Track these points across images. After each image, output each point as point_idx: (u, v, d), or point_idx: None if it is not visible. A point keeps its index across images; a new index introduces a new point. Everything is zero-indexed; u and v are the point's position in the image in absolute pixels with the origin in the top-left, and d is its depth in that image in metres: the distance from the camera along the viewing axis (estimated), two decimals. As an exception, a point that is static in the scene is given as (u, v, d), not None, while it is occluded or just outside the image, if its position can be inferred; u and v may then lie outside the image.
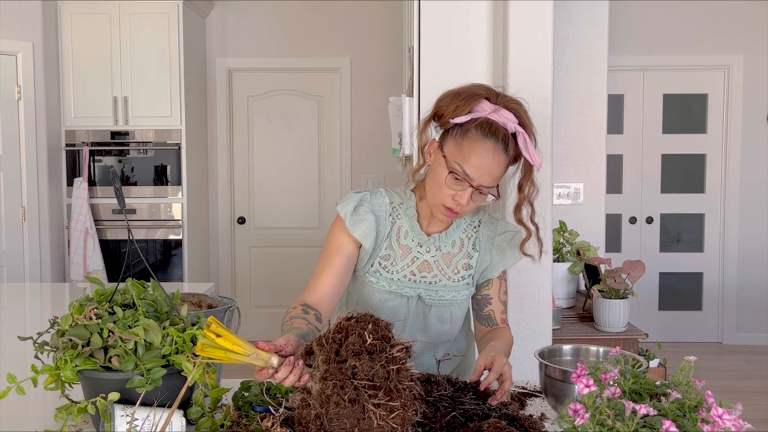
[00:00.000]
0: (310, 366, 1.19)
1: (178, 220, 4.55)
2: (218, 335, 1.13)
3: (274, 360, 1.17)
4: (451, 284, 1.60)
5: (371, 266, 1.60)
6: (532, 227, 1.51)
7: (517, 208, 1.51)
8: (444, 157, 1.45)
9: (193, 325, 1.28)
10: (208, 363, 1.24)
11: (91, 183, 4.47)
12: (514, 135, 1.45)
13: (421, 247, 1.59)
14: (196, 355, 1.17)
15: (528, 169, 1.48)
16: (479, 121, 1.43)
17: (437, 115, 1.51)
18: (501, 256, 1.61)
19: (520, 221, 1.53)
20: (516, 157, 1.48)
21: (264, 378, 1.18)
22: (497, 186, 1.48)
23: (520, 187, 1.49)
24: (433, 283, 1.59)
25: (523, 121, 1.47)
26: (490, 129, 1.42)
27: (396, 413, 1.09)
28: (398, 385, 1.10)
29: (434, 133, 1.55)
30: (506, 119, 1.44)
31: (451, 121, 1.44)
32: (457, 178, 1.43)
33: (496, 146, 1.42)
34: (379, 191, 1.62)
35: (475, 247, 1.61)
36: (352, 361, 1.10)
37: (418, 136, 1.55)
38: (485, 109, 1.44)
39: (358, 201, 1.57)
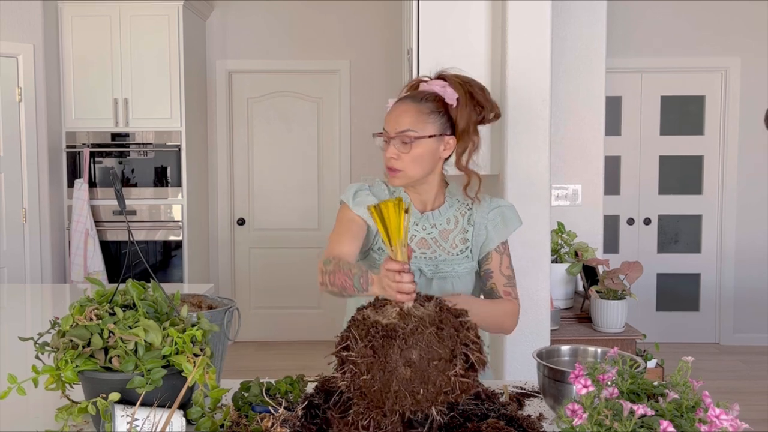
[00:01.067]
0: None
1: (178, 221, 4.55)
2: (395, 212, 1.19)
3: (405, 262, 1.22)
4: (450, 258, 1.67)
5: (375, 244, 1.69)
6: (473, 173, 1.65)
7: (458, 157, 1.63)
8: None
9: (193, 326, 1.29)
10: (208, 363, 1.25)
11: (92, 184, 4.48)
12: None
13: (416, 225, 1.68)
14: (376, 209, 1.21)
15: (463, 119, 1.59)
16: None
17: None
18: (496, 229, 1.68)
19: (461, 168, 1.64)
20: (447, 111, 1.60)
21: (392, 270, 1.22)
22: (444, 134, 1.60)
23: (459, 136, 1.61)
24: (432, 258, 1.67)
25: (444, 77, 1.62)
26: (407, 94, 1.63)
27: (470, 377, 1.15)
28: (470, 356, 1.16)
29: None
30: (431, 85, 1.61)
31: (389, 105, 1.68)
32: (385, 140, 1.61)
33: (404, 100, 1.61)
34: (376, 181, 1.76)
35: (470, 222, 1.70)
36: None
37: None
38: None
39: (358, 188, 1.71)
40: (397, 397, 1.13)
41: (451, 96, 1.59)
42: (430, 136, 1.58)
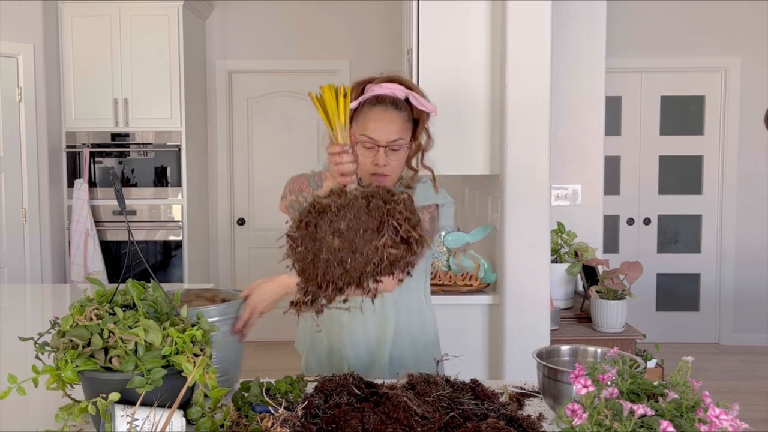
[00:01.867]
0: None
1: (178, 221, 4.55)
2: (335, 99, 1.26)
3: (346, 144, 1.30)
4: None
5: None
6: (423, 169, 1.72)
7: (409, 157, 1.70)
8: (352, 134, 1.66)
9: (193, 326, 1.29)
10: (208, 364, 1.25)
11: (92, 184, 4.48)
12: (407, 100, 1.65)
13: None
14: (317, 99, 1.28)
15: (421, 122, 1.67)
16: (367, 99, 1.65)
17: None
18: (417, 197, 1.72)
19: (409, 166, 1.73)
20: (412, 115, 1.67)
21: (333, 153, 1.32)
22: (412, 139, 1.67)
23: (415, 137, 1.69)
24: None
25: (408, 86, 1.67)
26: (377, 99, 1.64)
27: (398, 250, 1.20)
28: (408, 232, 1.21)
29: None
30: (391, 89, 1.64)
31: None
32: (368, 147, 1.64)
33: (386, 108, 1.63)
34: (323, 172, 1.76)
35: None
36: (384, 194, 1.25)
37: None
38: (372, 89, 1.65)
39: (306, 179, 1.75)
40: (327, 266, 1.19)
41: (432, 108, 1.66)
42: (410, 142, 1.68)
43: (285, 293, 1.63)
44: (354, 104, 1.64)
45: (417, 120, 1.68)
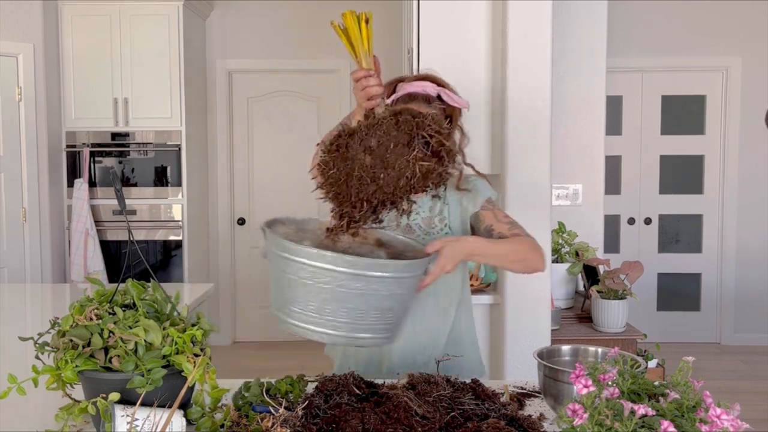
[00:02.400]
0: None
1: (179, 221, 4.55)
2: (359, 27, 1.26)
3: (370, 68, 1.31)
4: (434, 239, 1.65)
5: None
6: (465, 168, 1.70)
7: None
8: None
9: (193, 325, 1.29)
10: (208, 363, 1.25)
11: (92, 184, 4.48)
12: (438, 97, 1.64)
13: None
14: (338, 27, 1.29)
15: (454, 119, 1.67)
16: (399, 96, 1.65)
17: None
18: (468, 199, 1.71)
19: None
20: (445, 112, 1.65)
21: (358, 77, 1.33)
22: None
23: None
24: (418, 242, 1.68)
25: (440, 83, 1.68)
26: (409, 97, 1.64)
27: (431, 162, 1.20)
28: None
29: None
30: (423, 87, 1.64)
31: None
32: None
33: (418, 104, 1.61)
34: None
35: (445, 201, 1.74)
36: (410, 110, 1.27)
37: None
38: (404, 87, 1.66)
39: None
40: (360, 184, 1.19)
41: (464, 103, 1.65)
42: None
43: (470, 256, 1.53)
44: (387, 102, 1.66)
45: (450, 117, 1.66)
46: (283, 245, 1.28)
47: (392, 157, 1.18)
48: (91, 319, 1.24)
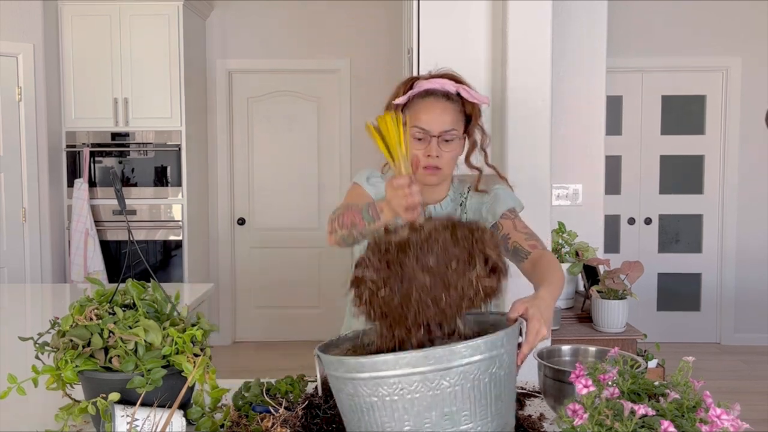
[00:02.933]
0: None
1: (179, 221, 4.55)
2: (394, 126, 1.19)
3: (410, 174, 1.22)
4: None
5: None
6: (487, 169, 1.70)
7: (468, 155, 1.69)
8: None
9: (193, 325, 1.29)
10: (208, 364, 1.25)
11: (92, 184, 4.48)
12: (458, 94, 1.63)
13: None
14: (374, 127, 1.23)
15: (474, 118, 1.66)
16: (418, 93, 1.63)
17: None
18: (490, 209, 1.69)
19: (470, 165, 1.70)
20: (465, 110, 1.64)
21: (399, 185, 1.22)
22: (465, 135, 1.66)
23: (469, 134, 1.67)
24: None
25: (459, 80, 1.66)
26: (428, 92, 1.62)
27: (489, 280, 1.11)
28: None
29: None
30: (442, 84, 1.62)
31: (395, 101, 1.63)
32: (419, 138, 1.61)
33: (437, 99, 1.61)
34: (388, 170, 1.76)
35: (464, 210, 1.73)
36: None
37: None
38: (421, 85, 1.64)
39: (370, 173, 1.76)
40: (419, 307, 1.07)
41: (485, 99, 1.64)
42: (463, 135, 1.66)
43: (551, 309, 1.36)
44: (403, 99, 1.63)
45: (469, 117, 1.66)
46: (348, 364, 1.07)
47: (454, 276, 1.07)
48: (91, 319, 1.24)
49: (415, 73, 2.58)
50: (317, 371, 1.21)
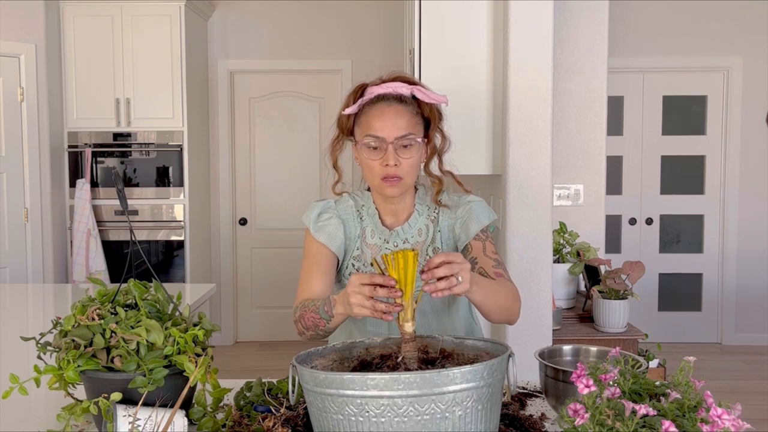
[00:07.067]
0: None
1: (180, 221, 4.56)
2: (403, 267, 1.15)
3: (410, 328, 1.16)
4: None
5: (346, 268, 1.63)
6: (444, 177, 1.58)
7: (427, 162, 1.58)
8: (357, 143, 1.55)
9: (195, 325, 1.29)
10: (210, 363, 1.25)
11: (94, 184, 4.48)
12: (413, 96, 1.52)
13: (387, 242, 1.60)
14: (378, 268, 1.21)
15: (434, 120, 1.55)
16: (369, 99, 1.52)
17: (341, 131, 1.61)
18: (464, 227, 1.58)
19: (429, 173, 1.59)
20: (422, 113, 1.54)
21: (390, 295, 1.17)
22: (424, 137, 1.54)
23: (429, 138, 1.56)
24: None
25: (413, 82, 1.55)
26: (378, 98, 1.51)
27: None
28: None
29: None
30: (394, 87, 1.51)
31: (344, 112, 1.55)
32: (374, 147, 1.50)
33: (389, 104, 1.50)
34: (343, 196, 1.68)
35: (438, 227, 1.61)
36: None
37: (329, 154, 1.65)
38: (371, 91, 1.53)
39: (321, 208, 1.63)
40: None
41: (442, 98, 1.53)
42: (422, 140, 1.54)
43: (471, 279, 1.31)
44: (353, 108, 1.52)
45: (428, 120, 1.55)
46: (317, 378, 1.03)
47: None
48: (93, 319, 1.24)
49: (416, 74, 2.58)
50: (289, 380, 1.19)
